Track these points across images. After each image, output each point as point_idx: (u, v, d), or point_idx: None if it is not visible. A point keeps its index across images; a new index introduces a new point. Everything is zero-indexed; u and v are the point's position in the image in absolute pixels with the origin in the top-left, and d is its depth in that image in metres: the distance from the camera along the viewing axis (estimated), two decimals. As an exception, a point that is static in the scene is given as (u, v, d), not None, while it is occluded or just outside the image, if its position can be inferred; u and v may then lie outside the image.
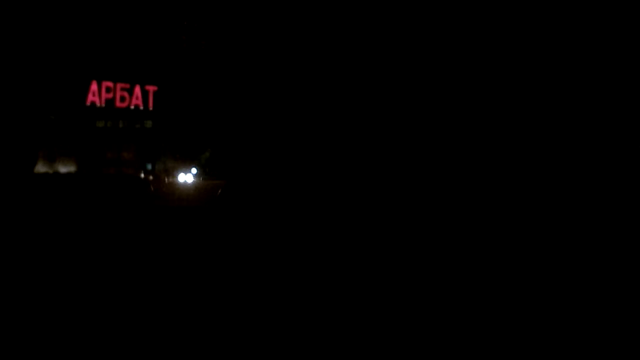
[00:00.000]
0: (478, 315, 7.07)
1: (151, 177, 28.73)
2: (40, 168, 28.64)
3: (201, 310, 7.20)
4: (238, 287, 8.47)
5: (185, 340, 6.12)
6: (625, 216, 16.80)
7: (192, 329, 6.47)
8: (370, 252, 11.42)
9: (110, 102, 29.66)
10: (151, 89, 30.18)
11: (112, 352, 5.78)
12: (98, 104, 29.52)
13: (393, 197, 22.26)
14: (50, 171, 28.48)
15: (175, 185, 26.71)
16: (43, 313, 6.96)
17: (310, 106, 27.27)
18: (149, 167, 29.79)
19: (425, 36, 25.87)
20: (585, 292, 8.27)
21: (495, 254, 11.30)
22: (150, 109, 30.14)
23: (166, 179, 27.75)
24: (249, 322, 6.74)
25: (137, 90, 29.95)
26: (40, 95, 29.04)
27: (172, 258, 10.64)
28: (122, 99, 29.75)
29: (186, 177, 27.25)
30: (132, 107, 29.88)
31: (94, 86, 29.47)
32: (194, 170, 27.85)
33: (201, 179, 27.76)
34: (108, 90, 29.56)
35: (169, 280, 8.85)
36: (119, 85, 29.73)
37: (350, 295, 7.99)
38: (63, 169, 28.90)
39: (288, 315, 7.03)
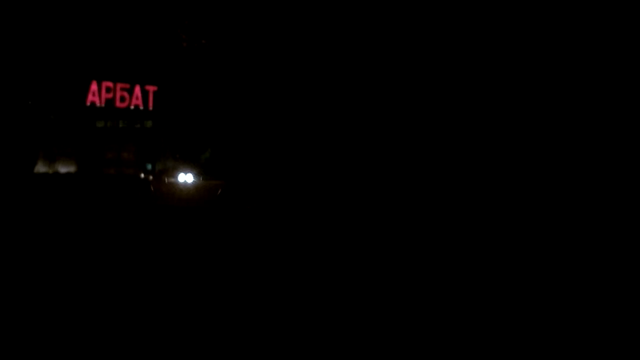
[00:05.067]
0: (478, 315, 7.06)
1: (151, 177, 28.69)
2: (40, 168, 28.58)
3: (203, 308, 7.19)
4: (239, 286, 8.46)
5: (186, 338, 6.11)
6: (625, 216, 16.79)
7: (194, 327, 6.46)
8: (371, 252, 11.40)
9: (110, 102, 29.59)
10: (151, 89, 30.13)
11: (113, 351, 5.77)
12: (98, 104, 29.47)
13: (393, 198, 22.25)
14: (50, 171, 28.43)
15: (175, 185, 26.68)
16: (43, 312, 6.95)
17: (310, 106, 27.24)
18: (149, 167, 29.73)
19: (425, 36, 25.86)
20: (585, 292, 8.26)
21: (495, 254, 11.28)
22: (150, 109, 30.08)
23: (166, 179, 27.70)
24: (249, 320, 6.74)
25: (137, 90, 29.88)
26: (40, 96, 28.98)
27: (174, 256, 10.62)
28: (122, 99, 29.69)
29: (186, 177, 27.20)
30: (132, 107, 29.82)
31: (93, 86, 29.39)
32: (194, 170, 27.79)
33: (201, 179, 27.69)
34: (108, 90, 29.50)
35: (172, 278, 8.84)
36: (118, 85, 29.66)
37: (351, 295, 7.98)
38: (63, 169, 28.84)
39: (288, 314, 7.02)
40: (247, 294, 7.97)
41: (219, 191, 24.41)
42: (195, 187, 26.34)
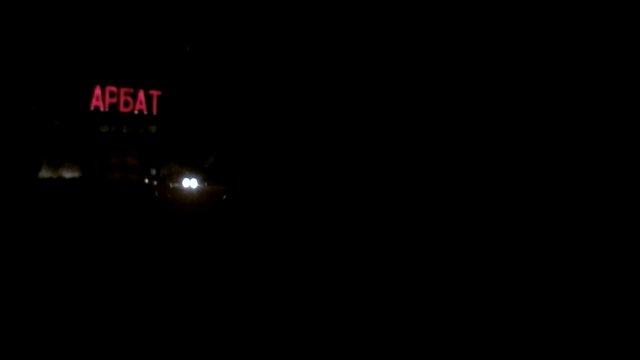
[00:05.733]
0: (478, 316, 6.99)
1: (155, 183, 28.65)
2: (44, 173, 28.57)
3: (205, 310, 7.13)
4: (242, 289, 8.40)
5: (188, 338, 6.05)
6: (625, 216, 16.71)
7: (196, 328, 6.40)
8: (374, 256, 11.35)
9: (114, 107, 29.57)
10: (155, 93, 30.10)
11: (114, 352, 5.71)
12: (102, 109, 29.45)
13: (396, 201, 22.21)
14: (55, 176, 28.41)
15: (179, 191, 26.64)
16: (46, 315, 6.89)
17: (315, 113, 27.21)
18: (153, 172, 29.68)
19: (425, 36, 25.82)
20: (585, 292, 8.19)
21: (495, 254, 11.20)
22: (154, 113, 30.06)
23: (170, 184, 27.67)
24: (250, 322, 6.68)
25: (141, 95, 29.86)
26: (44, 101, 28.98)
27: (178, 261, 10.58)
28: (126, 103, 29.68)
29: (191, 182, 27.17)
30: (136, 112, 29.80)
31: (97, 91, 29.38)
32: (198, 176, 27.76)
33: (206, 184, 27.66)
34: (112, 95, 29.48)
35: (176, 282, 8.78)
36: (122, 90, 29.64)
37: (353, 296, 7.92)
38: (67, 174, 28.81)
39: (289, 316, 6.97)
40: (250, 298, 7.93)
41: (224, 196, 24.36)
42: (199, 192, 26.29)
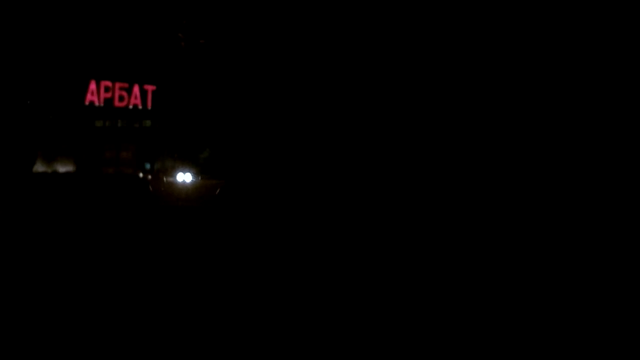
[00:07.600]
0: (478, 315, 7.09)
1: (150, 177, 28.73)
2: (39, 167, 28.64)
3: (201, 306, 7.22)
4: (237, 284, 8.49)
5: (186, 337, 6.13)
6: (626, 216, 16.81)
7: (193, 326, 6.49)
8: (370, 251, 11.43)
9: (109, 101, 29.64)
10: (150, 88, 30.16)
11: (112, 352, 5.80)
12: (97, 104, 29.51)
13: (392, 198, 22.27)
14: (49, 170, 28.49)
15: (174, 185, 26.73)
16: (43, 313, 6.97)
17: (309, 106, 27.27)
18: (148, 166, 29.76)
19: (425, 36, 25.88)
20: (585, 292, 8.29)
21: (494, 254, 11.30)
22: (149, 108, 30.13)
23: (165, 178, 27.75)
24: (248, 320, 6.76)
25: (136, 89, 29.93)
26: (39, 95, 29.03)
27: (172, 255, 10.65)
28: (121, 98, 29.74)
29: (185, 177, 27.24)
30: (131, 106, 29.86)
31: (92, 85, 29.44)
32: (192, 170, 27.82)
33: (200, 178, 27.75)
34: (107, 89, 29.54)
35: (170, 276, 8.86)
36: (117, 85, 29.70)
37: (350, 294, 8.01)
38: (62, 168, 28.89)
39: (287, 314, 7.05)
40: (246, 293, 8.01)
41: (218, 190, 24.44)
42: (193, 186, 26.37)
